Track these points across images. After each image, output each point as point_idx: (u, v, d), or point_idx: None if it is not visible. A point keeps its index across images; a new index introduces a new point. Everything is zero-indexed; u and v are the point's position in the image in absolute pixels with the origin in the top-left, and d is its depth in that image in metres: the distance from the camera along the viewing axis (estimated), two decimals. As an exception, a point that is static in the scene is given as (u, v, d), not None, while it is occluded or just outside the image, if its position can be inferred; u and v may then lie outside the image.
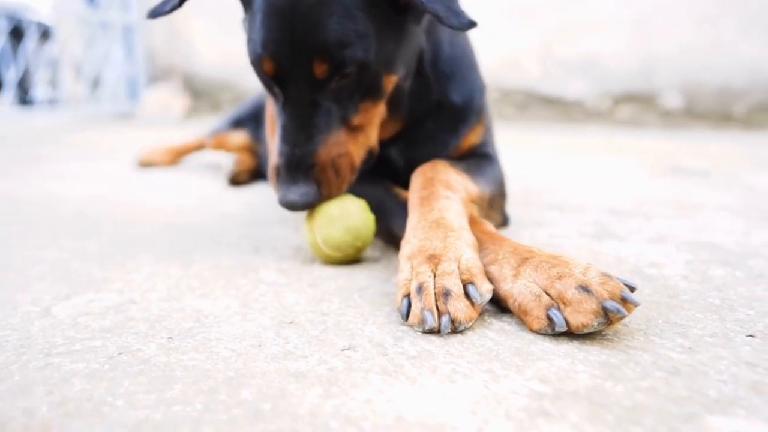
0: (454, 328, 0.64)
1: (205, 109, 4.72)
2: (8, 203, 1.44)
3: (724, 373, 0.55)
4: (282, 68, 0.82)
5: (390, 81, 0.88)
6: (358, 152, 0.89)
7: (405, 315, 0.67)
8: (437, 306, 0.65)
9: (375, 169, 0.98)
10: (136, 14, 4.70)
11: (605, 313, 0.60)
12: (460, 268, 0.69)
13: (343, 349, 0.61)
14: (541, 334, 0.64)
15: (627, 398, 0.51)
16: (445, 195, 0.83)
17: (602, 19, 3.69)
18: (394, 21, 0.85)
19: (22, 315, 0.71)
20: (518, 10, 3.86)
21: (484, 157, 1.06)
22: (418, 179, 0.89)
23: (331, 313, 0.72)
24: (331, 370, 0.57)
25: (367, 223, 0.90)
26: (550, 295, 0.64)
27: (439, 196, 0.83)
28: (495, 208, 1.03)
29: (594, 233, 1.11)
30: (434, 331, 0.64)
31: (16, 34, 3.99)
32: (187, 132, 2.63)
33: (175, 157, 2.18)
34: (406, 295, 0.69)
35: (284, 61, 0.81)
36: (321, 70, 0.80)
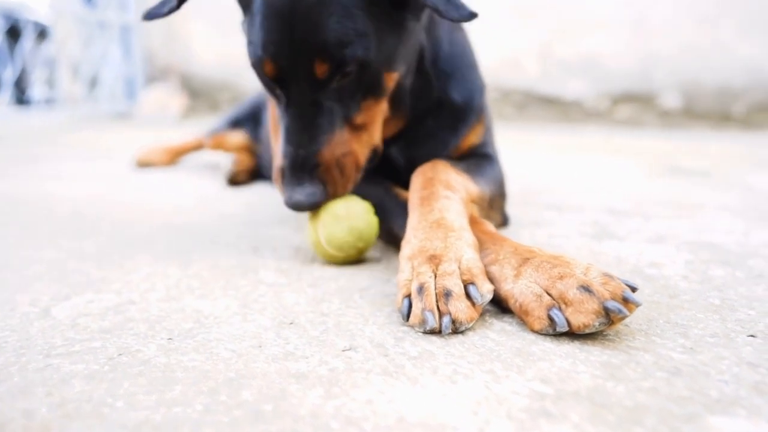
0: (455, 329, 0.64)
1: (203, 109, 4.72)
2: (5, 203, 1.43)
3: (725, 373, 0.55)
4: (283, 69, 0.81)
5: (391, 78, 0.88)
6: (362, 151, 0.89)
7: (406, 315, 0.67)
8: (438, 306, 0.65)
9: (375, 168, 0.98)
10: (133, 14, 4.70)
11: (607, 314, 0.60)
12: (460, 269, 0.69)
13: (344, 350, 0.61)
14: (542, 335, 0.64)
15: (628, 398, 0.51)
16: (445, 195, 0.83)
17: (601, 19, 3.70)
18: (393, 18, 0.85)
19: (21, 316, 0.71)
20: (517, 10, 3.86)
21: (484, 157, 1.06)
22: (418, 179, 0.89)
23: (332, 314, 0.71)
24: (331, 370, 0.56)
25: (370, 225, 0.90)
26: (551, 296, 0.63)
27: (440, 196, 0.83)
28: (495, 208, 1.03)
29: (594, 233, 1.11)
30: (435, 332, 0.64)
31: (13, 34, 3.98)
32: (185, 132, 2.62)
33: (173, 157, 2.18)
34: (407, 296, 0.68)
35: (285, 63, 0.81)
36: (322, 70, 0.80)
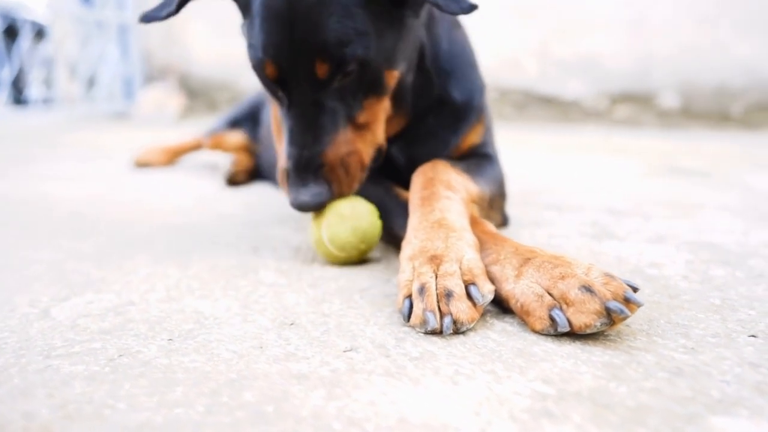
0: (456, 329, 0.64)
1: (201, 109, 4.71)
2: (4, 203, 1.43)
3: (727, 373, 0.55)
4: (284, 71, 0.81)
5: (392, 76, 0.88)
6: (366, 150, 0.89)
7: (407, 316, 0.67)
8: (439, 307, 0.65)
9: (376, 167, 0.97)
10: (131, 13, 4.68)
11: (608, 314, 0.59)
12: (461, 269, 0.69)
13: (345, 351, 0.61)
14: (543, 335, 0.64)
15: (631, 399, 0.51)
16: (446, 195, 0.83)
17: (600, 19, 3.70)
18: (392, 16, 0.84)
19: (21, 317, 0.71)
20: (517, 10, 3.86)
21: (484, 157, 1.06)
22: (419, 179, 0.89)
23: (332, 314, 0.71)
24: (333, 371, 0.56)
25: (374, 227, 0.90)
26: (552, 296, 0.63)
27: (440, 196, 0.83)
28: (495, 209, 1.03)
29: (593, 233, 1.11)
30: (436, 332, 0.64)
31: (11, 33, 3.97)
32: (184, 132, 2.62)
33: (171, 157, 2.17)
34: (408, 296, 0.68)
35: (286, 64, 0.81)
36: (323, 70, 0.80)
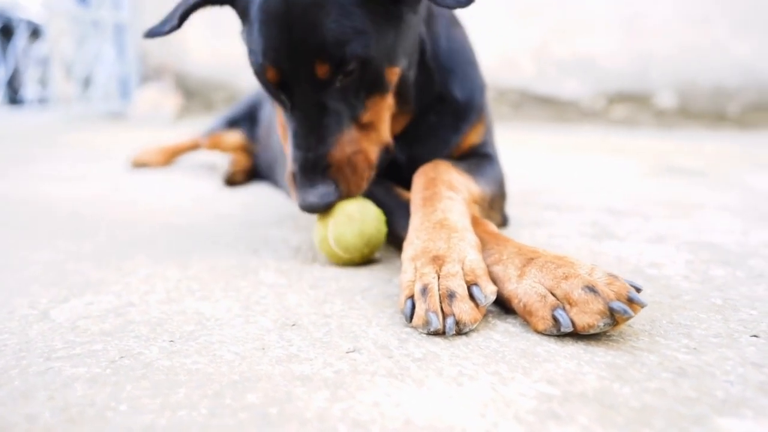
0: (459, 330, 0.64)
1: (198, 108, 4.69)
2: (2, 203, 1.42)
3: (730, 374, 0.55)
4: (285, 74, 0.81)
5: (393, 73, 0.87)
6: (372, 149, 0.89)
7: (409, 317, 0.67)
8: (442, 308, 0.65)
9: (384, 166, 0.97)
10: (127, 13, 4.67)
11: (611, 314, 0.59)
12: (464, 270, 0.69)
13: (348, 352, 0.61)
14: (546, 336, 0.64)
15: (635, 400, 0.51)
16: (447, 195, 0.83)
17: (597, 19, 3.71)
18: (391, 12, 0.84)
19: (20, 318, 0.70)
20: (514, 10, 3.87)
21: (484, 157, 1.06)
22: (421, 179, 0.88)
23: (334, 315, 0.71)
24: (336, 372, 0.56)
25: (380, 232, 0.89)
26: (555, 296, 0.63)
27: (442, 196, 0.82)
28: (495, 209, 1.02)
29: (593, 233, 1.11)
30: (439, 333, 0.64)
31: (6, 33, 3.95)
32: (180, 132, 2.61)
33: (168, 157, 2.17)
34: (410, 297, 0.68)
35: (286, 67, 0.81)
36: (323, 70, 0.80)
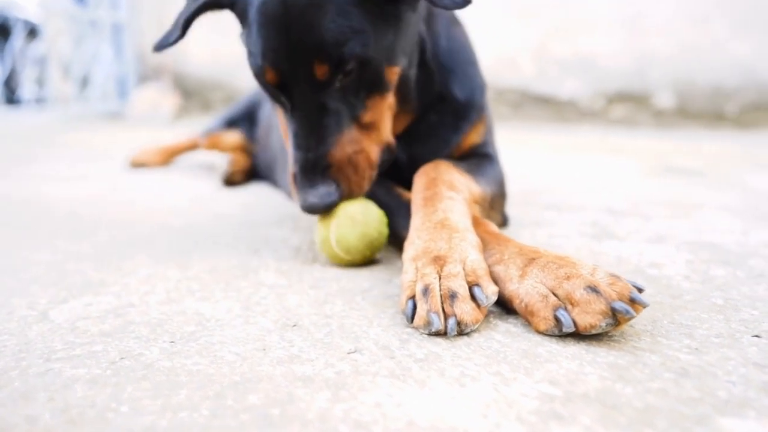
0: (461, 331, 0.64)
1: (196, 108, 4.69)
2: (1, 203, 1.42)
3: (732, 374, 0.55)
4: (284, 75, 0.81)
5: (393, 72, 0.87)
6: (373, 148, 0.89)
7: (410, 317, 0.66)
8: (443, 308, 0.64)
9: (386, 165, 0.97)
10: (125, 12, 4.66)
11: (614, 314, 0.59)
12: (465, 270, 0.69)
13: (349, 352, 0.61)
14: (548, 336, 0.64)
15: (638, 400, 0.50)
16: (448, 196, 0.83)
17: (597, 19, 3.71)
18: (389, 11, 0.84)
19: (19, 319, 0.70)
20: (514, 10, 3.87)
21: (485, 156, 1.06)
22: (421, 179, 0.88)
23: (335, 316, 0.71)
24: (338, 373, 0.56)
25: (382, 235, 0.89)
26: (557, 296, 0.63)
27: (443, 196, 0.82)
28: (495, 209, 1.02)
29: (593, 233, 1.11)
30: (440, 334, 0.64)
31: (3, 32, 3.94)
32: (178, 132, 2.60)
33: (167, 157, 2.16)
34: (411, 297, 0.68)
35: (285, 68, 0.80)
36: (322, 71, 0.79)
